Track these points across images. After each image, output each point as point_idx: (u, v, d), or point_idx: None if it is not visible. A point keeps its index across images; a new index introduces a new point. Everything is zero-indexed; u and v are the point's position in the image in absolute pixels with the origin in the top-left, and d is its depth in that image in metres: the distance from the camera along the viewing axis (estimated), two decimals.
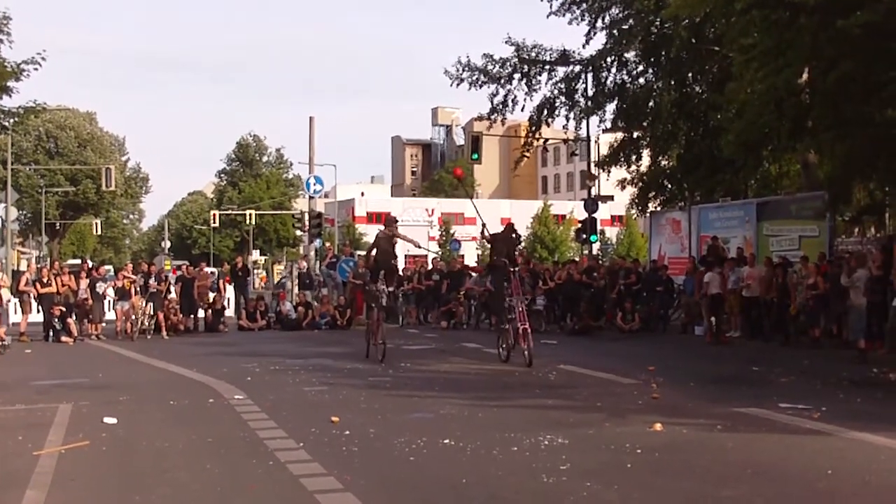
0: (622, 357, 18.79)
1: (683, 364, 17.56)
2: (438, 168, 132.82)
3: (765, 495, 7.33)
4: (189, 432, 10.31)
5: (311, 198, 37.34)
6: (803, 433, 10.00)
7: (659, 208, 33.74)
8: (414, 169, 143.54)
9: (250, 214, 77.68)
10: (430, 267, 32.23)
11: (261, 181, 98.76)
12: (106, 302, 27.35)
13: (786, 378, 15.03)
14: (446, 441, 9.58)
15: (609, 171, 34.73)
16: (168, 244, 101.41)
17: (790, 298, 21.62)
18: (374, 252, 18.80)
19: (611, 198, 40.28)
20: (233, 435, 10.18)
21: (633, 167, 34.13)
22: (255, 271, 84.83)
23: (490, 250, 17.61)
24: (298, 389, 14.03)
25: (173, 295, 27.32)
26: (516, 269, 17.41)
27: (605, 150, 35.67)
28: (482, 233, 17.88)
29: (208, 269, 31.83)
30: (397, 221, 19.17)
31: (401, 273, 29.75)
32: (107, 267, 43.00)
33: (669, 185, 33.42)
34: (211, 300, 28.61)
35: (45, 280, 25.16)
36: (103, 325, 26.36)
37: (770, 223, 26.57)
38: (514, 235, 18.06)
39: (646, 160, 34.34)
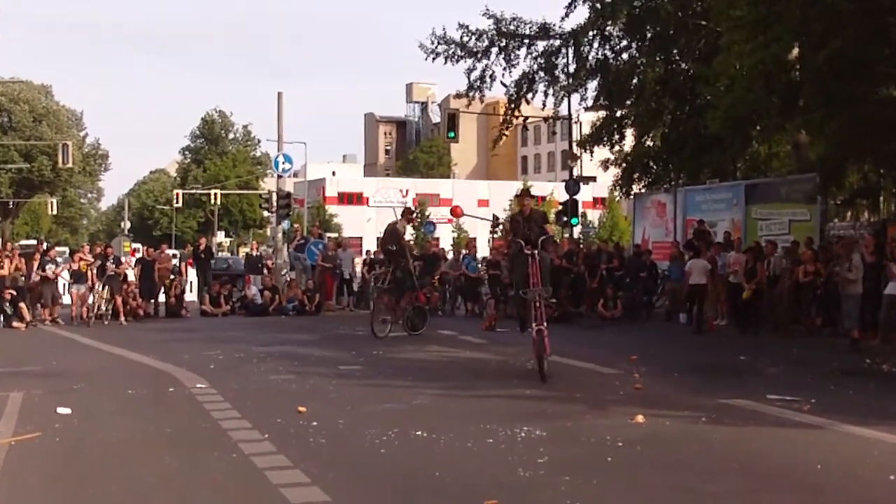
0: (603, 346, 18.82)
1: (667, 353, 17.59)
2: (413, 147, 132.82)
3: (751, 490, 7.32)
4: (148, 423, 10.23)
5: (279, 177, 37.13)
6: (792, 426, 10.01)
7: (643, 190, 33.78)
8: (388, 147, 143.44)
9: (215, 194, 77.38)
10: None
11: (227, 159, 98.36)
12: (61, 285, 27.12)
13: (774, 368, 15.08)
14: (419, 433, 9.54)
15: (591, 151, 34.66)
16: (128, 225, 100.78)
17: (747, 282, 21.55)
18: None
19: (593, 179, 40.31)
20: (194, 426, 10.11)
21: (617, 147, 34.12)
22: (220, 254, 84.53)
23: (513, 229, 14.64)
24: (264, 378, 13.96)
25: (132, 278, 27.16)
26: (536, 252, 13.94)
27: (587, 129, 35.64)
28: (496, 225, 16.29)
29: (170, 251, 31.68)
30: (413, 214, 20.48)
31: (372, 255, 29.97)
32: (60, 248, 42.66)
33: (654, 166, 33.42)
34: (172, 284, 28.43)
35: None
36: (59, 308, 26.15)
37: (759, 206, 26.63)
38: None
39: (629, 140, 34.36)
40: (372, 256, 31.62)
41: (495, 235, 66.84)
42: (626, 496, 7.21)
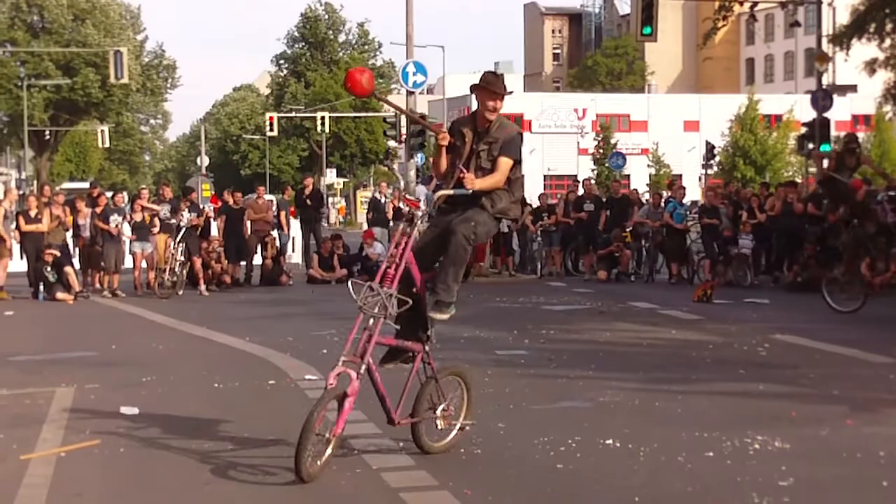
0: (869, 324, 18.57)
1: None
2: (593, 49, 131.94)
3: None
4: (240, 427, 10.49)
5: (409, 94, 37.37)
6: None
7: None
8: (557, 51, 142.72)
9: (323, 118, 78.20)
10: (580, 192, 31.99)
11: (337, 71, 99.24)
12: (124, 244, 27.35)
13: None
14: (608, 441, 9.58)
15: (849, 49, 33.98)
16: (206, 161, 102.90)
17: None
18: None
19: (852, 88, 39.52)
20: None
21: (889, 41, 33.35)
22: (331, 200, 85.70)
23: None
24: (395, 367, 14.08)
25: (215, 233, 27.52)
26: (419, 214, 9.45)
27: (843, 18, 34.92)
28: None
29: (266, 197, 31.90)
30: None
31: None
32: (122, 194, 43.71)
33: None
34: (269, 241, 28.73)
35: (32, 213, 25.27)
36: (118, 275, 26.49)
37: None
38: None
39: None
40: (538, 203, 31.57)
41: (709, 171, 66.01)
42: None
